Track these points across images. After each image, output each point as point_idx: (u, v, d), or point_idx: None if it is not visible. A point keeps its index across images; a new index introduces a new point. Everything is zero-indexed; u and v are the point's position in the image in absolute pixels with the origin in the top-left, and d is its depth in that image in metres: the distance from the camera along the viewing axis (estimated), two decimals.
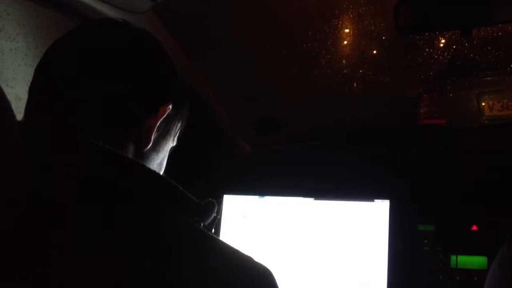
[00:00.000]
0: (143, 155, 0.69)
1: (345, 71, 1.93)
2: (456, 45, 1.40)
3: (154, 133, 0.69)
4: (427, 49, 1.70)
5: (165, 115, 0.70)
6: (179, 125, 0.77)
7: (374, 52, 1.85)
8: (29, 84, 0.66)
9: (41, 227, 0.53)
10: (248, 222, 1.41)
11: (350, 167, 1.41)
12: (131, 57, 0.68)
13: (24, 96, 0.66)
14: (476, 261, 1.19)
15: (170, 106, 0.70)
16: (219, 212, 0.62)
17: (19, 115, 0.64)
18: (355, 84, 1.85)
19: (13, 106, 0.86)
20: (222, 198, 1.45)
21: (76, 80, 0.64)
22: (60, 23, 0.96)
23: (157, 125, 0.69)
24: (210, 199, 0.66)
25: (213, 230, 0.68)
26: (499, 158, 1.34)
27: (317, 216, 1.36)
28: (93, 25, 0.72)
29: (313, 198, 1.37)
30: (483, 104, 1.77)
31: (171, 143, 0.77)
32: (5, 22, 0.89)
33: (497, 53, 1.65)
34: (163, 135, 0.72)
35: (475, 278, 1.17)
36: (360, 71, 1.89)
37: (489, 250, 1.18)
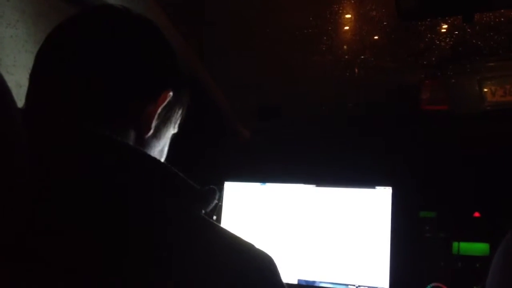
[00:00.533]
0: (144, 142, 0.69)
1: (346, 57, 1.92)
2: (458, 31, 1.39)
3: (155, 120, 0.68)
4: (429, 35, 1.68)
5: (165, 102, 0.70)
6: (179, 111, 0.77)
7: (376, 37, 1.83)
8: (29, 71, 0.65)
9: (38, 216, 0.53)
10: (250, 209, 1.42)
11: (351, 154, 1.40)
12: (131, 44, 0.67)
13: (25, 83, 0.65)
14: (478, 248, 1.19)
15: (171, 93, 0.70)
16: (220, 199, 0.62)
17: (20, 102, 0.64)
18: (356, 70, 1.84)
19: (14, 93, 0.85)
20: (223, 185, 1.45)
21: (76, 66, 0.64)
22: (61, 9, 0.95)
23: (158, 112, 0.69)
24: (211, 185, 0.66)
25: (214, 217, 0.68)
26: (501, 144, 1.33)
27: (318, 203, 1.35)
28: (93, 12, 0.71)
29: (314, 185, 1.37)
30: (485, 90, 1.76)
31: (172, 130, 0.76)
32: (5, 8, 0.88)
33: (499, 38, 1.64)
34: (164, 122, 0.72)
35: (477, 265, 1.18)
36: (362, 57, 1.88)
37: (491, 236, 1.18)
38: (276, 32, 1.54)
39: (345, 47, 1.85)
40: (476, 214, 1.22)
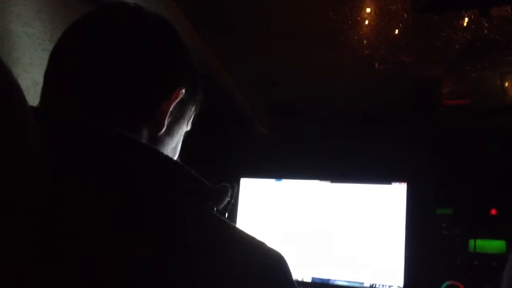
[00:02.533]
0: (157, 140, 0.69)
1: (366, 52, 1.90)
2: (475, 25, 1.36)
3: (167, 117, 0.68)
4: (446, 29, 1.65)
5: (178, 99, 0.70)
6: (193, 109, 0.77)
7: (395, 32, 1.81)
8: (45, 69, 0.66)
9: (51, 218, 0.53)
10: (265, 205, 1.42)
11: (367, 150, 1.39)
12: (144, 42, 0.68)
13: (41, 81, 0.66)
14: (494, 245, 1.17)
15: (183, 90, 0.70)
16: (233, 196, 0.63)
17: (37, 100, 0.65)
18: (376, 65, 1.82)
19: (31, 91, 0.87)
20: (239, 181, 1.45)
21: (89, 65, 0.65)
22: (76, 7, 0.96)
23: (171, 109, 0.69)
24: (224, 183, 0.66)
25: (226, 215, 0.68)
26: None
27: (334, 199, 1.35)
28: (106, 9, 0.72)
29: (330, 181, 1.37)
30: (507, 84, 1.72)
31: (185, 127, 0.77)
32: (21, 8, 0.90)
33: None
34: (176, 120, 0.72)
35: (494, 263, 1.16)
36: (381, 51, 1.85)
37: (508, 234, 1.16)
38: (296, 29, 1.53)
39: (364, 41, 1.82)
40: (493, 212, 1.20)
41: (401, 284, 1.22)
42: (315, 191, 1.38)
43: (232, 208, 1.42)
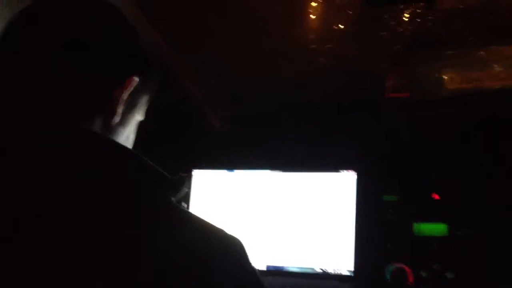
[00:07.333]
0: (110, 129, 0.68)
1: (313, 46, 1.93)
2: (420, 18, 1.42)
3: (120, 106, 0.68)
4: (391, 23, 1.71)
5: (131, 88, 0.69)
6: (145, 98, 0.76)
7: (341, 26, 1.85)
8: None
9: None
10: (218, 196, 1.42)
11: (317, 139, 1.43)
12: (93, 29, 0.67)
13: None
14: (437, 229, 1.23)
15: (136, 78, 0.70)
16: (189, 187, 0.63)
17: None
18: (322, 59, 1.86)
19: None
20: (191, 173, 1.45)
21: (39, 54, 0.63)
22: None
23: (123, 98, 0.68)
24: (180, 173, 0.66)
25: (184, 205, 0.68)
26: (458, 129, 1.38)
27: (285, 189, 1.38)
28: None
29: (281, 171, 1.39)
30: (445, 77, 1.81)
31: (138, 116, 0.76)
32: None
33: (459, 26, 1.68)
34: (129, 109, 0.72)
35: (436, 245, 1.22)
36: (327, 45, 1.89)
37: (450, 217, 1.23)
38: (247, 19, 1.53)
39: (312, 35, 1.85)
40: (435, 196, 1.26)
41: (351, 268, 1.27)
42: (267, 181, 1.40)
43: (186, 200, 1.41)
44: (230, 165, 1.44)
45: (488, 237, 1.17)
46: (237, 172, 1.43)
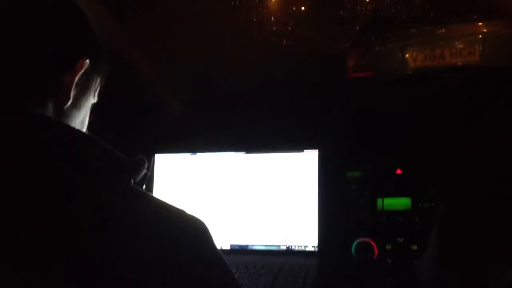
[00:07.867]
0: (63, 113, 0.67)
1: (274, 28, 1.94)
2: None
3: (73, 89, 0.67)
4: (351, 3, 1.73)
5: (83, 70, 0.68)
6: (98, 80, 0.76)
7: (302, 8, 1.86)
8: None
9: None
10: (181, 180, 1.41)
11: (280, 120, 1.42)
12: (43, 13, 0.66)
13: None
14: (401, 203, 1.24)
15: (87, 61, 0.69)
16: (149, 169, 0.62)
17: None
18: (284, 41, 1.86)
19: None
20: (153, 157, 1.43)
21: None
22: None
23: (76, 80, 0.68)
24: (140, 155, 0.65)
25: (144, 187, 0.67)
26: (422, 106, 1.40)
27: (249, 170, 1.37)
28: None
29: (244, 152, 1.38)
30: (407, 55, 1.84)
31: (92, 99, 0.76)
32: None
33: (419, 4, 1.71)
34: (82, 91, 0.71)
35: (400, 219, 1.23)
36: (289, 28, 1.90)
37: (413, 191, 1.24)
38: (203, 2, 1.51)
39: (272, 18, 1.85)
40: (398, 171, 1.27)
41: (316, 244, 1.27)
42: (230, 163, 1.38)
43: (148, 184, 1.39)
44: (193, 148, 1.42)
45: (449, 210, 1.18)
46: (200, 155, 1.41)
